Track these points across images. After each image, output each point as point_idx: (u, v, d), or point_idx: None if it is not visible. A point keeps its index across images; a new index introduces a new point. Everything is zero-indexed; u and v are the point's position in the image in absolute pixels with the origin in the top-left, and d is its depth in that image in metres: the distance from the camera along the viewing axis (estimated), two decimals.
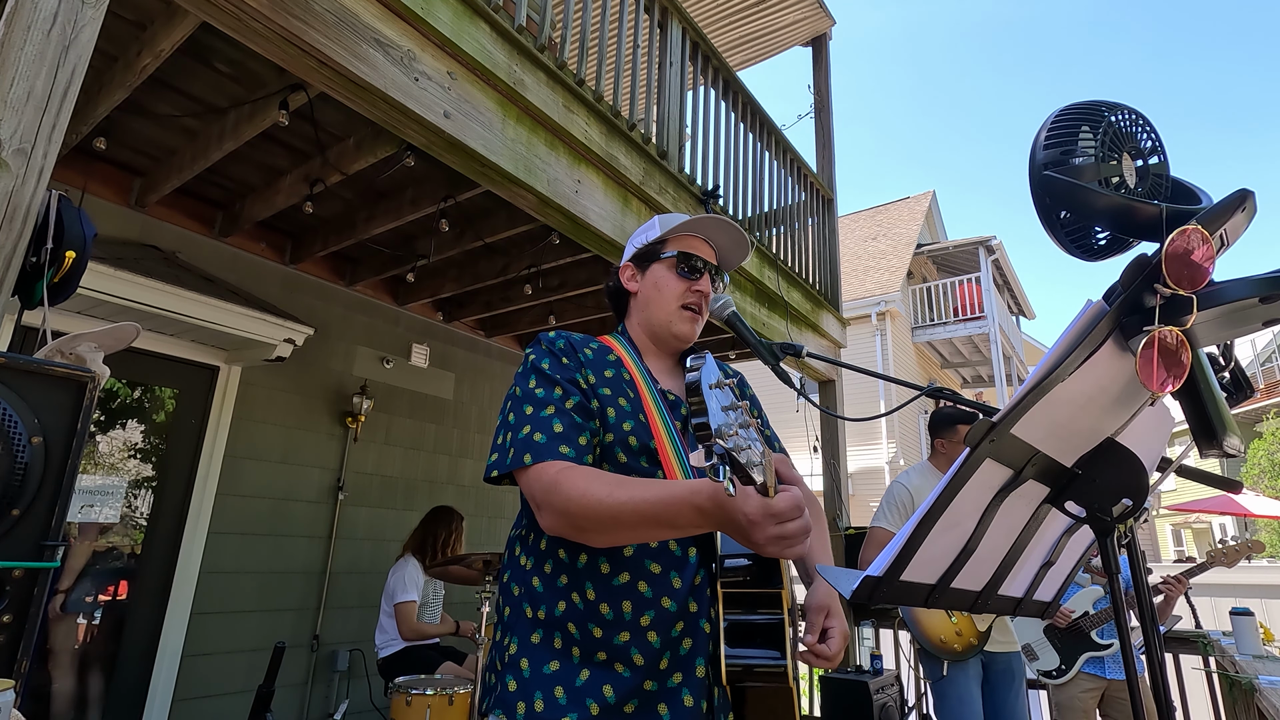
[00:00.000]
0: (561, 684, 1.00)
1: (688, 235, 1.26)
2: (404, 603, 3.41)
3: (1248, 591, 7.77)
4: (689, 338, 1.24)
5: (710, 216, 1.25)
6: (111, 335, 1.46)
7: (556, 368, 1.12)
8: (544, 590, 1.07)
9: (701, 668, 1.03)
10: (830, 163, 5.21)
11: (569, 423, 1.05)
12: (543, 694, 1.00)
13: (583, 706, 0.98)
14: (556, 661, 1.02)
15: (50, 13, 1.32)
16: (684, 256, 1.24)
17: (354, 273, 4.20)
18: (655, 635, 1.02)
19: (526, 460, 1.02)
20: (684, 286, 1.23)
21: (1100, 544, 0.78)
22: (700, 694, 1.03)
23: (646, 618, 1.03)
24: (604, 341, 1.24)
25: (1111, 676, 2.98)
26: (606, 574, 1.04)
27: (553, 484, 0.98)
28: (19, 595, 1.05)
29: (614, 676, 1.00)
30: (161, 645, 3.26)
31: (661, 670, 1.02)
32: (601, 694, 0.99)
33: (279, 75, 2.55)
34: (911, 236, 13.96)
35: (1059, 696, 3.00)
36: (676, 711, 1.00)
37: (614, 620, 1.02)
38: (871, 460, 11.71)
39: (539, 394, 1.09)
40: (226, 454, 3.56)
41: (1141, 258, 0.72)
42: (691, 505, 0.87)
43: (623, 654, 1.01)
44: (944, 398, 1.11)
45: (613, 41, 5.17)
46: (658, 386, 1.19)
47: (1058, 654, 3.05)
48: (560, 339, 1.18)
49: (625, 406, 1.12)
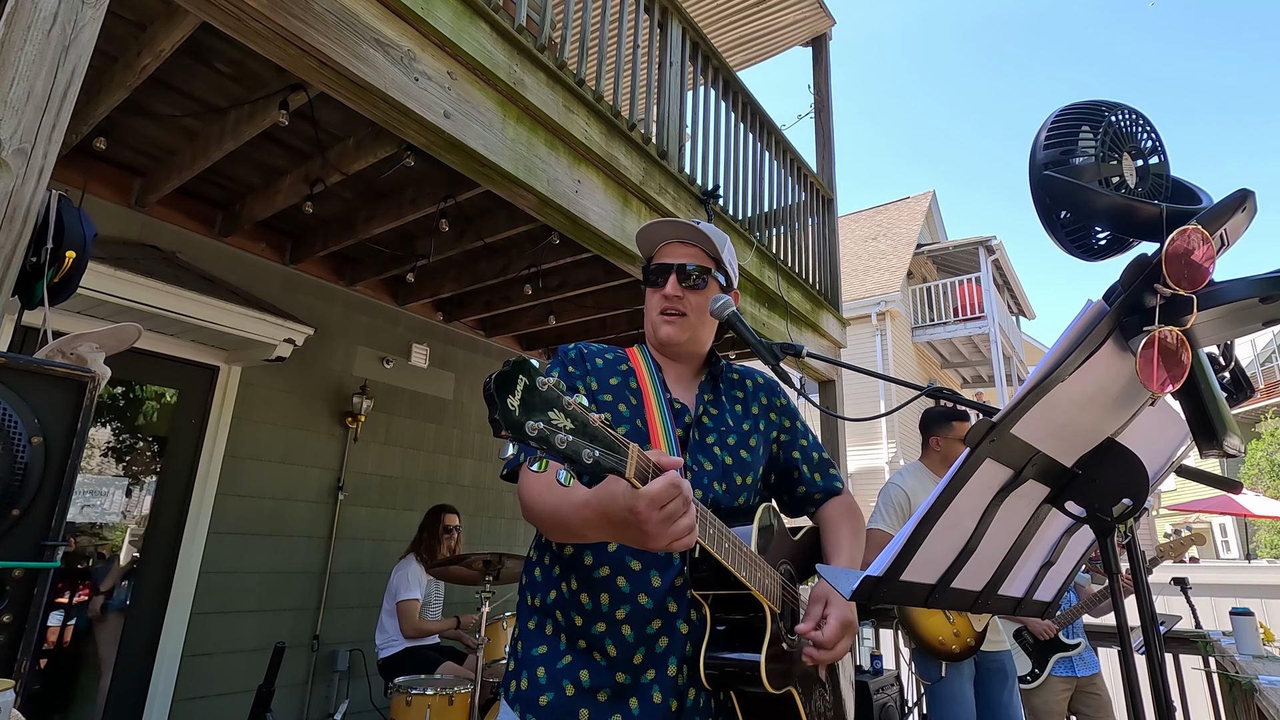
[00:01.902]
0: (544, 665, 1.08)
1: (664, 244, 1.29)
2: (406, 600, 3.42)
3: (1248, 591, 7.77)
4: (670, 339, 1.24)
5: (651, 222, 1.28)
6: (113, 335, 1.46)
7: (562, 376, 1.18)
8: (541, 579, 1.15)
9: (673, 667, 1.05)
10: (830, 163, 5.21)
11: None
12: (528, 673, 1.09)
13: (559, 687, 1.05)
14: (545, 645, 1.10)
15: (50, 13, 1.32)
16: (648, 270, 1.28)
17: (354, 273, 4.20)
18: (630, 630, 1.06)
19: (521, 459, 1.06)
20: (656, 296, 1.26)
21: (1100, 544, 0.78)
22: (670, 693, 1.04)
23: (622, 611, 1.06)
24: (627, 353, 1.28)
25: (1080, 674, 3.04)
26: (589, 566, 1.09)
27: (521, 483, 1.07)
28: (19, 595, 1.05)
29: (591, 664, 1.06)
30: (161, 645, 3.26)
31: (635, 665, 1.05)
32: (578, 677, 1.05)
33: (279, 75, 2.55)
34: (911, 236, 13.96)
35: (1034, 701, 3.02)
36: (646, 707, 1.03)
37: (592, 610, 1.08)
38: (871, 460, 11.71)
39: None
40: (226, 454, 3.56)
41: (1142, 258, 0.72)
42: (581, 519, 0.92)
43: (599, 644, 1.06)
44: (944, 397, 1.11)
45: (613, 41, 5.16)
46: (667, 395, 1.21)
47: (1030, 659, 3.07)
48: (575, 350, 1.24)
49: (624, 412, 1.16)
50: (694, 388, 1.28)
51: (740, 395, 1.32)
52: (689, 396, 1.26)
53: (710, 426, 1.22)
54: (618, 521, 0.85)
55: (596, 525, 0.91)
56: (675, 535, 0.82)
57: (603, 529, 0.90)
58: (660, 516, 0.80)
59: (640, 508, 0.80)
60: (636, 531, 0.83)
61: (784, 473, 1.34)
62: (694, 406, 1.24)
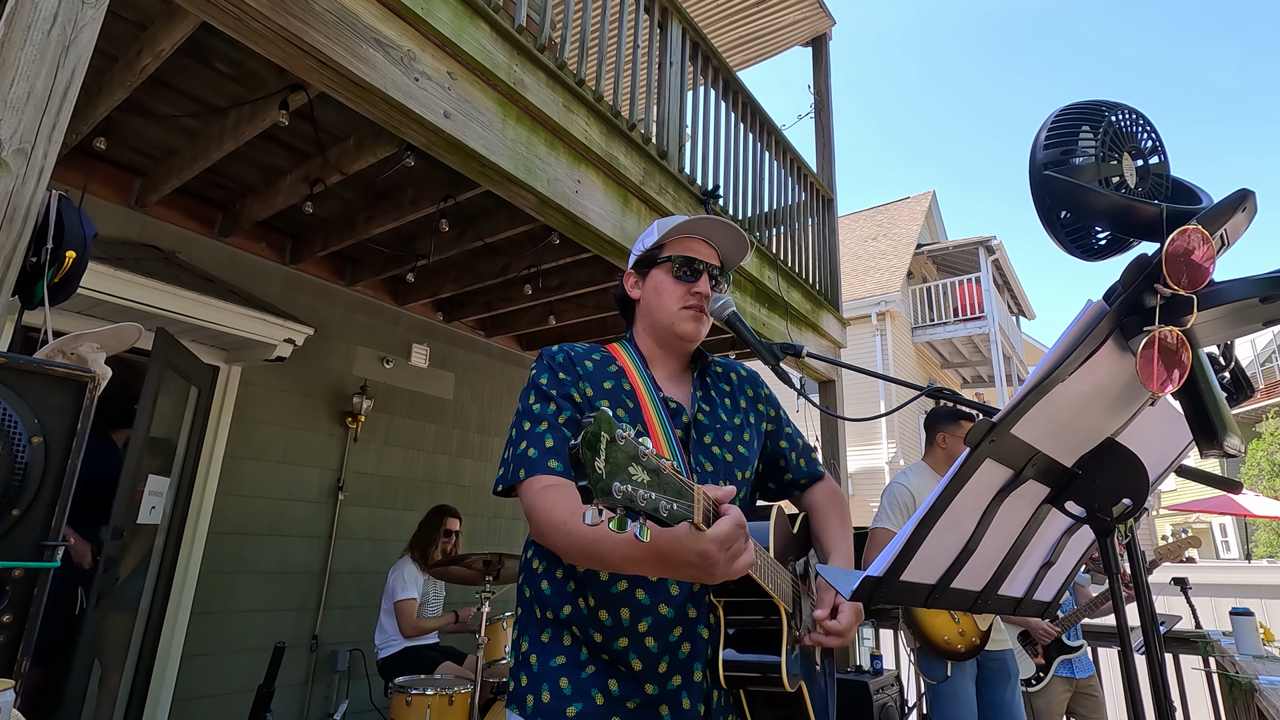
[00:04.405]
0: (567, 676, 1.04)
1: (685, 238, 1.25)
2: (404, 600, 3.42)
3: (1248, 591, 7.77)
4: (694, 337, 1.23)
5: (705, 217, 1.24)
6: (114, 336, 1.46)
7: (554, 383, 1.14)
8: (552, 594, 1.10)
9: (699, 672, 1.04)
10: (830, 163, 5.21)
11: (560, 437, 1.08)
12: (549, 685, 1.04)
13: (588, 697, 1.02)
14: (564, 656, 1.06)
15: (50, 13, 1.32)
16: (682, 260, 1.22)
17: (354, 273, 4.20)
18: (653, 641, 1.04)
19: (521, 475, 1.06)
20: (682, 290, 1.22)
21: (1100, 544, 0.78)
22: (698, 698, 1.04)
23: (644, 624, 1.04)
24: (610, 350, 1.24)
25: (1079, 675, 3.09)
26: (605, 581, 1.06)
27: (531, 502, 1.03)
28: (19, 595, 1.05)
29: (618, 674, 1.03)
30: (162, 645, 3.26)
31: (660, 674, 1.03)
32: (607, 686, 1.02)
33: (279, 75, 2.55)
34: (911, 236, 13.96)
35: (1037, 703, 3.05)
36: (677, 714, 1.02)
37: (613, 627, 1.05)
38: (871, 460, 11.71)
39: (535, 409, 1.12)
40: (226, 454, 3.56)
41: (1142, 258, 0.72)
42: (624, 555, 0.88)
43: (622, 658, 1.04)
44: (944, 398, 1.11)
45: (613, 41, 5.16)
46: (660, 395, 1.19)
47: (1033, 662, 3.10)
48: (560, 353, 1.19)
49: (623, 416, 1.13)
50: (685, 384, 1.26)
51: (728, 389, 1.30)
52: (682, 394, 1.24)
53: (706, 425, 1.21)
54: (678, 563, 0.82)
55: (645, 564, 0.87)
56: (738, 570, 0.82)
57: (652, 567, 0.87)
58: (728, 556, 0.80)
59: (712, 551, 0.79)
60: (699, 571, 0.81)
61: (772, 462, 1.34)
62: (689, 405, 1.22)
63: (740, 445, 1.23)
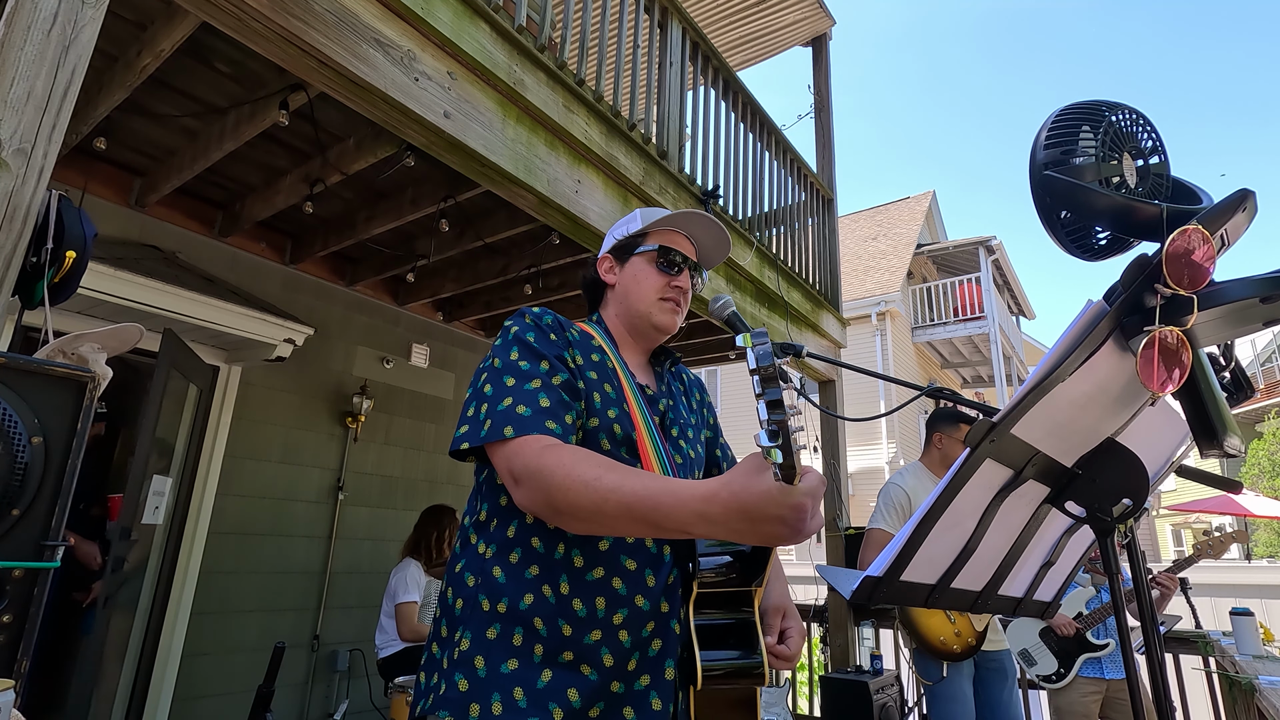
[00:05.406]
0: (521, 685, 0.92)
1: (669, 230, 1.23)
2: (405, 603, 3.41)
3: (1248, 591, 7.76)
4: (669, 328, 1.20)
5: (692, 212, 1.22)
6: (114, 336, 1.46)
7: (544, 342, 1.05)
8: (506, 581, 0.98)
9: (670, 670, 1.00)
10: (830, 163, 5.21)
11: (556, 399, 0.99)
12: (500, 696, 0.92)
13: (545, 711, 0.91)
14: (515, 660, 0.94)
15: (50, 13, 1.32)
16: (664, 251, 1.20)
17: (354, 273, 4.20)
18: (626, 635, 0.98)
19: (507, 433, 0.93)
20: (663, 281, 1.19)
21: (1100, 544, 0.78)
22: (668, 697, 0.99)
23: (619, 616, 0.98)
24: (582, 328, 1.19)
25: (1110, 676, 2.92)
26: (581, 568, 0.98)
27: (536, 458, 0.89)
28: (19, 595, 1.05)
29: (579, 679, 0.94)
30: (162, 645, 3.26)
31: (629, 672, 0.97)
32: (566, 698, 0.93)
33: (279, 75, 2.55)
34: (911, 236, 13.96)
35: (1059, 701, 2.95)
36: (644, 715, 0.96)
37: (587, 617, 0.97)
38: (871, 460, 11.71)
39: (523, 366, 1.01)
40: (226, 454, 3.56)
41: (1142, 258, 0.72)
42: (696, 512, 0.76)
43: (591, 654, 0.96)
44: (944, 398, 1.11)
45: (613, 41, 5.16)
46: (635, 380, 1.15)
47: (1055, 658, 3.01)
48: (547, 315, 1.11)
49: (610, 394, 1.08)
50: (649, 376, 1.23)
51: (681, 388, 1.28)
52: (650, 383, 1.21)
53: (673, 418, 1.18)
54: (765, 518, 0.71)
55: (719, 522, 0.75)
56: (814, 528, 0.73)
57: (725, 525, 0.75)
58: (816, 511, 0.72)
59: (808, 505, 0.70)
60: (785, 528, 0.71)
61: (706, 472, 1.30)
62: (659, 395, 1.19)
63: (699, 444, 1.22)
